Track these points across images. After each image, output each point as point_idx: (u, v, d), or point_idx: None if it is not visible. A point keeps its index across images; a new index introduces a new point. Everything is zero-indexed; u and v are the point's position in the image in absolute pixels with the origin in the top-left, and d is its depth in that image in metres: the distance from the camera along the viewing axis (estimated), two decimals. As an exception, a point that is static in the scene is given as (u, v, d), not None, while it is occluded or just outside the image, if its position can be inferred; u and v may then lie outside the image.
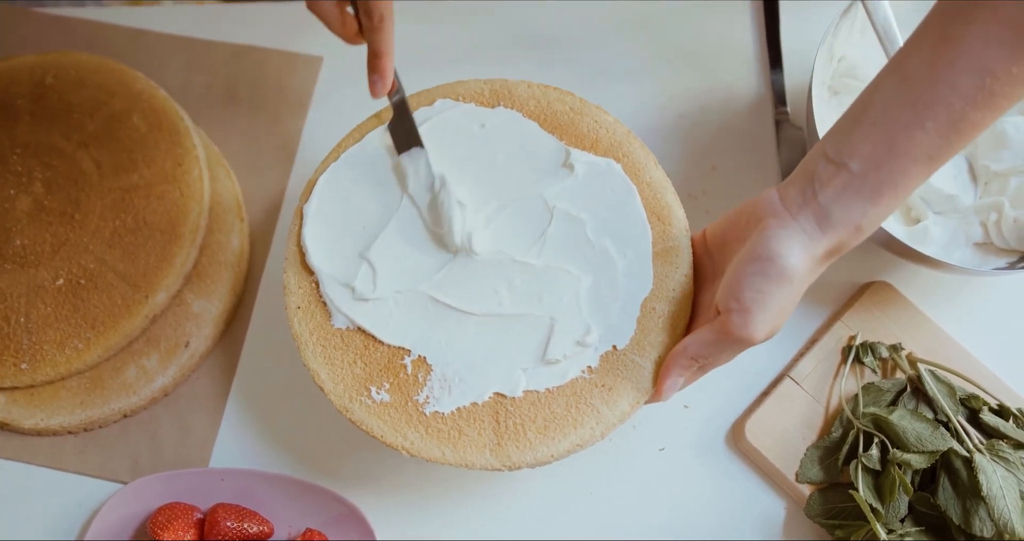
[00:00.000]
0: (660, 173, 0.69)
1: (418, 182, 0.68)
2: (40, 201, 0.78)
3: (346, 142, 0.71)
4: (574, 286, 0.65)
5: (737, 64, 0.88)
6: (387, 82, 0.69)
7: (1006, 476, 0.66)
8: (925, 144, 0.53)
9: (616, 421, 0.63)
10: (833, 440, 0.72)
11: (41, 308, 0.75)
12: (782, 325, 0.60)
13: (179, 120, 0.80)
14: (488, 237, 0.67)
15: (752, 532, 0.74)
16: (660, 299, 0.65)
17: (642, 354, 0.64)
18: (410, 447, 0.63)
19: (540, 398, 0.63)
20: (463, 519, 0.74)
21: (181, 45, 0.89)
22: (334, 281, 0.66)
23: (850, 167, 0.55)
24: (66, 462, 0.76)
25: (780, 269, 0.57)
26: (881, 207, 0.56)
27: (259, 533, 0.71)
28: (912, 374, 0.73)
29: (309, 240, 0.67)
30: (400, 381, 0.64)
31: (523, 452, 0.62)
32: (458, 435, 0.63)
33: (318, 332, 0.66)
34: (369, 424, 0.64)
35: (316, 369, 0.65)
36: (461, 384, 0.64)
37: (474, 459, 0.63)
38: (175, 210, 0.77)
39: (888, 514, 0.68)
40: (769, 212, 0.58)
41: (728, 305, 0.58)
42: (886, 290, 0.78)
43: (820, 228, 0.56)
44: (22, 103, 0.81)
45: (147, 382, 0.76)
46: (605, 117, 0.71)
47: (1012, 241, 0.73)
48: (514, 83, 0.72)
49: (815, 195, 0.57)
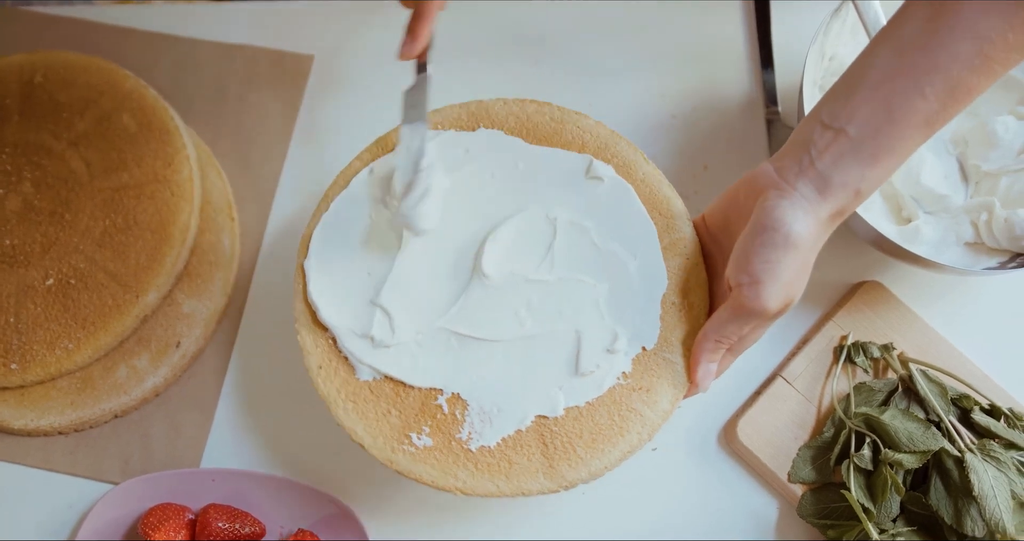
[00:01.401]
0: (651, 168, 0.69)
1: (408, 154, 0.67)
2: (30, 201, 0.78)
3: (333, 191, 0.70)
4: (592, 295, 0.65)
5: (728, 63, 0.88)
6: (417, 45, 0.68)
7: (997, 476, 0.66)
8: (923, 109, 0.55)
9: (660, 421, 0.63)
10: (825, 440, 0.73)
11: (31, 308, 0.75)
12: (797, 296, 0.60)
13: (169, 119, 0.80)
14: (496, 259, 0.66)
15: (744, 532, 0.74)
16: (677, 292, 0.65)
17: (672, 350, 0.64)
18: (463, 487, 0.62)
19: (582, 412, 0.63)
20: (456, 519, 0.74)
21: (171, 44, 0.89)
22: (351, 334, 0.65)
23: (848, 132, 0.56)
24: (57, 463, 0.76)
25: (786, 237, 0.57)
26: (879, 170, 0.57)
27: (251, 534, 0.71)
28: (904, 374, 0.74)
29: (317, 297, 0.66)
30: (439, 422, 0.63)
31: (576, 469, 0.62)
32: (508, 465, 0.62)
33: (345, 388, 0.64)
34: (417, 472, 0.62)
35: (351, 426, 0.64)
36: (501, 414, 0.63)
37: (529, 485, 0.62)
38: (165, 210, 0.77)
39: (880, 514, 0.68)
40: (767, 184, 0.59)
41: (739, 280, 0.59)
42: (877, 290, 0.78)
43: (820, 194, 0.57)
44: (11, 102, 0.81)
45: (138, 382, 0.76)
46: (586, 121, 0.70)
47: (1003, 241, 0.73)
48: (489, 103, 0.72)
49: (812, 163, 0.57)
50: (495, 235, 0.66)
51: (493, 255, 0.66)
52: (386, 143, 0.71)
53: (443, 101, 0.73)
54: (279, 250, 0.82)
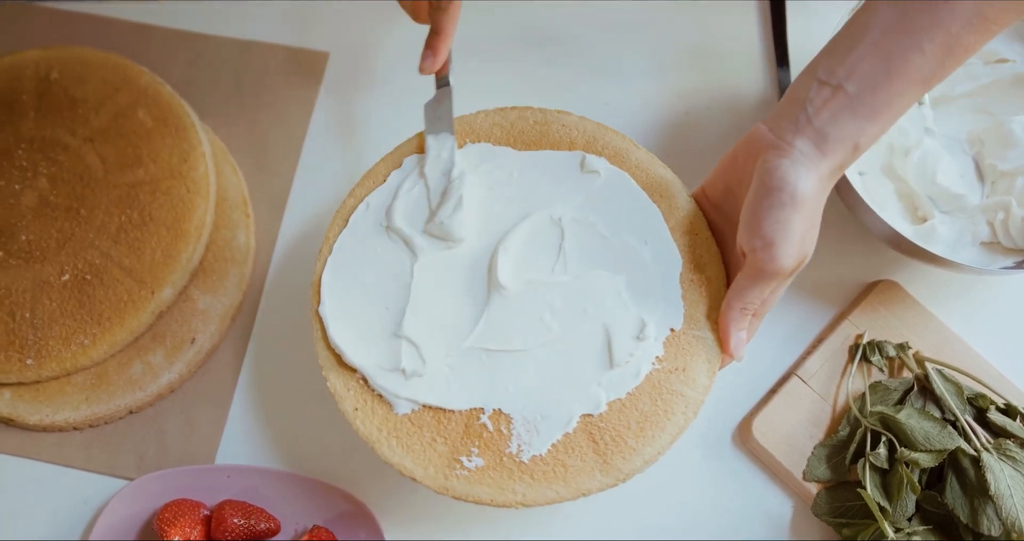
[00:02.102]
0: (643, 152, 0.70)
1: (437, 165, 0.68)
2: (45, 196, 0.78)
3: (332, 231, 0.69)
4: (612, 287, 0.65)
5: (744, 62, 0.88)
6: (438, 60, 0.70)
7: (1014, 475, 0.66)
8: (922, 66, 0.56)
9: (702, 397, 0.63)
10: (840, 439, 0.73)
11: (47, 304, 0.75)
12: (811, 251, 0.60)
13: (185, 115, 0.80)
14: (511, 270, 0.66)
15: (759, 531, 0.74)
16: (693, 269, 0.66)
17: (700, 327, 0.64)
18: (523, 500, 0.62)
19: (625, 404, 0.63)
20: (471, 518, 0.74)
21: (187, 40, 0.89)
22: (381, 371, 0.64)
23: (846, 89, 0.57)
24: (72, 458, 0.76)
25: (792, 196, 0.57)
26: (877, 126, 0.57)
27: (266, 530, 0.71)
28: (919, 373, 0.73)
29: (340, 341, 0.65)
30: (486, 441, 0.63)
31: (630, 460, 0.62)
32: (564, 469, 0.62)
33: (386, 426, 0.64)
34: (475, 494, 0.62)
35: (399, 462, 0.63)
36: (546, 421, 0.63)
37: (588, 485, 0.62)
38: (181, 206, 0.77)
39: (895, 513, 0.68)
40: (765, 144, 0.59)
41: (752, 244, 0.59)
42: (893, 289, 0.78)
43: (819, 150, 0.58)
44: (27, 98, 0.81)
45: (153, 378, 0.76)
46: (570, 118, 0.71)
47: (1019, 240, 0.73)
48: (471, 117, 0.72)
49: (809, 120, 0.58)
50: (505, 246, 0.66)
51: (507, 266, 0.66)
52: (376, 176, 0.71)
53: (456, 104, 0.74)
54: (294, 246, 0.82)
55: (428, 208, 0.67)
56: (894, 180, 0.77)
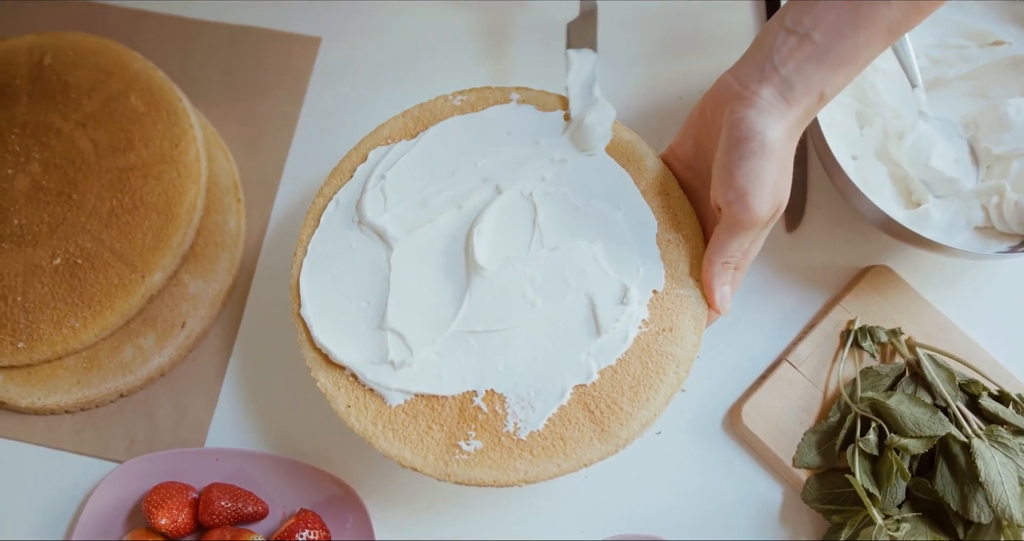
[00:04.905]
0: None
1: (579, 79, 0.70)
2: (38, 181, 0.78)
3: (305, 233, 0.69)
4: (590, 255, 0.65)
5: (737, 46, 0.86)
6: None
7: (1005, 462, 0.65)
8: (888, 18, 0.55)
9: (692, 355, 0.63)
10: (831, 425, 0.72)
11: (38, 287, 0.75)
12: (785, 198, 0.60)
13: (177, 100, 0.80)
14: (487, 250, 0.66)
15: (748, 517, 0.73)
16: (670, 229, 0.66)
17: (683, 285, 0.64)
18: (525, 477, 0.61)
19: (616, 370, 0.63)
20: (458, 501, 0.74)
21: (179, 26, 0.89)
22: (369, 365, 0.64)
23: (813, 38, 0.56)
24: (62, 441, 0.76)
25: (761, 145, 0.57)
26: (842, 76, 0.57)
27: (254, 513, 0.71)
28: (911, 359, 0.73)
29: (325, 340, 0.65)
30: (482, 423, 0.63)
31: (627, 425, 0.62)
32: (563, 442, 0.62)
33: (381, 419, 0.64)
34: (477, 477, 0.62)
35: (398, 454, 0.63)
36: (539, 396, 0.62)
37: (589, 455, 0.62)
38: (172, 190, 0.77)
39: (885, 499, 0.68)
40: (730, 96, 0.59)
41: (727, 197, 0.59)
42: (886, 274, 0.77)
43: (785, 99, 0.57)
44: (20, 83, 0.81)
45: (143, 362, 0.76)
46: (528, 93, 0.71)
47: (1013, 225, 0.72)
48: (430, 104, 0.72)
49: (775, 69, 0.57)
50: (478, 227, 0.66)
51: (483, 247, 0.66)
52: (343, 172, 0.71)
53: (445, 89, 0.74)
54: (285, 231, 0.82)
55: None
56: (888, 164, 0.77)
